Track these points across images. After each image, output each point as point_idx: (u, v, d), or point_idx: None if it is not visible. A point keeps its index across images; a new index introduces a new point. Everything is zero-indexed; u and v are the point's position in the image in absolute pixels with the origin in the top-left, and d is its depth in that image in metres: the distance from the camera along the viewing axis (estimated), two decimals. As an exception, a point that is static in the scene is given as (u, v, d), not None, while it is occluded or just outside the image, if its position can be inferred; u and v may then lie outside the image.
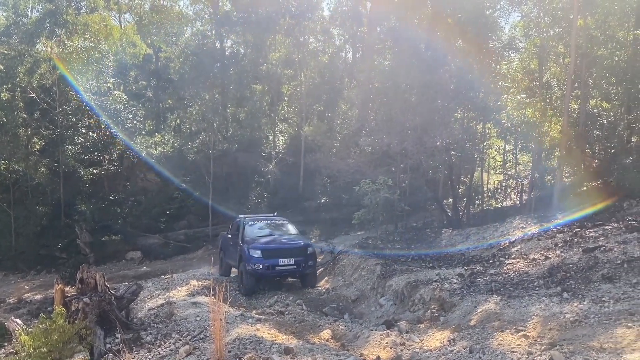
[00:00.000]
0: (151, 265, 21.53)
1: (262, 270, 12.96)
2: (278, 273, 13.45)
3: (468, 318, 8.60)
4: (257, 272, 12.97)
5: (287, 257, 13.21)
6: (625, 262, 9.21)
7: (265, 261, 12.96)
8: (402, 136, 18.18)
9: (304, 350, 6.93)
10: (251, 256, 13.06)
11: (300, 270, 13.41)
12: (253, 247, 13.26)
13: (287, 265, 13.18)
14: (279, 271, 13.32)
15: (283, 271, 13.41)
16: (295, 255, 13.29)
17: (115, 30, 29.79)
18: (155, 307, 10.41)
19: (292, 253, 13.35)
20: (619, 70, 16.91)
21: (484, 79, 18.16)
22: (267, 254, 13.11)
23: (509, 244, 13.00)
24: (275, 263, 13.06)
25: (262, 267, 12.90)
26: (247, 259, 13.12)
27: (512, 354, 6.63)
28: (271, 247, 13.46)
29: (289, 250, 13.43)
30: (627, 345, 6.15)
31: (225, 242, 15.85)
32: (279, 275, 13.74)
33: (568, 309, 7.57)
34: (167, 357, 7.30)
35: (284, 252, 13.37)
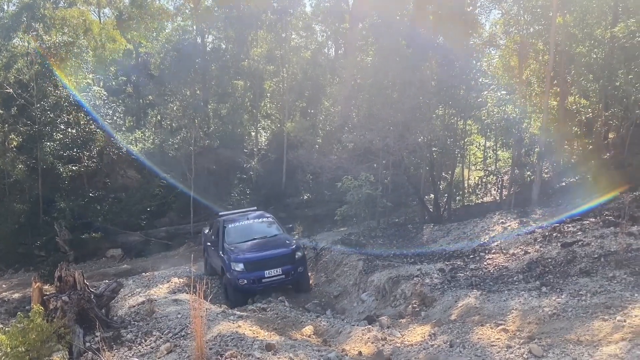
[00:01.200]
0: (132, 262, 21.31)
1: (247, 285, 11.96)
2: (265, 286, 12.23)
3: (449, 313, 8.68)
4: (241, 287, 12.02)
5: (274, 267, 12.04)
6: (602, 256, 9.37)
7: (250, 274, 11.91)
8: (384, 132, 18.24)
9: (285, 346, 6.93)
10: (234, 270, 12.02)
11: (290, 279, 12.44)
12: (235, 260, 12.15)
13: (275, 277, 12.07)
14: (265, 284, 12.16)
15: (270, 283, 12.22)
16: (283, 264, 12.16)
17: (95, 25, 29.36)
18: (136, 305, 10.32)
19: (279, 262, 12.16)
20: (596, 67, 17.18)
21: (464, 76, 18.30)
22: (251, 266, 12.01)
23: (489, 239, 13.14)
24: (260, 276, 11.97)
25: (247, 281, 11.89)
26: (229, 273, 12.15)
27: (491, 348, 6.71)
28: (255, 258, 12.23)
29: (275, 259, 12.19)
30: (604, 337, 6.27)
31: (207, 242, 14.86)
32: (267, 288, 12.44)
33: (546, 303, 7.68)
34: (148, 355, 7.24)
35: (270, 261, 12.13)
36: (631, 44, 15.29)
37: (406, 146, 18.12)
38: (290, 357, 6.32)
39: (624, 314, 6.64)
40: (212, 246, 13.87)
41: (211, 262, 14.47)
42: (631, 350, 5.74)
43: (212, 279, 13.94)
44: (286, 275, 12.22)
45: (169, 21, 31.34)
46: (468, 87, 18.54)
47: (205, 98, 27.00)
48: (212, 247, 13.87)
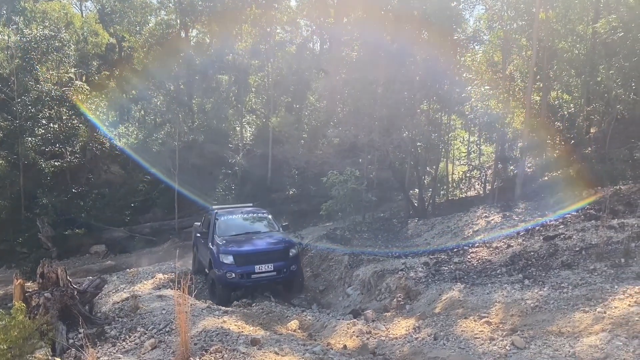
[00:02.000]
0: (116, 259, 21.18)
1: (235, 280, 11.17)
2: (254, 282, 11.48)
3: (433, 306, 8.75)
4: (229, 282, 11.21)
5: (265, 263, 11.33)
6: (584, 249, 9.51)
7: (239, 268, 11.14)
8: (370, 128, 18.29)
9: (270, 341, 6.94)
10: (222, 262, 11.26)
11: (282, 277, 11.61)
12: (224, 252, 11.40)
13: (265, 273, 11.33)
14: (255, 280, 11.40)
15: (260, 279, 11.45)
16: (275, 260, 11.45)
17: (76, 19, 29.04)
18: (120, 301, 10.25)
19: (270, 257, 11.49)
20: (578, 63, 17.36)
21: (448, 71, 18.40)
22: (241, 260, 11.26)
23: (472, 233, 13.26)
24: (250, 270, 11.22)
25: (235, 275, 11.12)
26: (217, 266, 11.39)
27: (475, 340, 6.78)
28: (245, 251, 11.56)
29: (266, 254, 11.54)
30: (584, 329, 6.36)
31: (197, 237, 14.17)
32: (256, 284, 11.70)
33: (529, 296, 7.77)
34: (132, 351, 7.20)
35: (261, 256, 11.47)
36: (612, 39, 15.47)
37: (391, 141, 18.19)
38: (276, 352, 6.33)
39: (604, 306, 6.74)
40: (202, 239, 13.23)
41: (200, 257, 13.77)
42: (611, 341, 5.84)
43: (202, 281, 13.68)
44: (278, 272, 11.45)
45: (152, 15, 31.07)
46: (452, 83, 18.67)
47: (189, 92, 26.83)
48: (202, 239, 13.22)
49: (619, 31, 15.08)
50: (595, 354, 5.67)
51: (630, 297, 6.73)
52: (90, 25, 29.25)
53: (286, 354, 6.31)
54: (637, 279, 7.53)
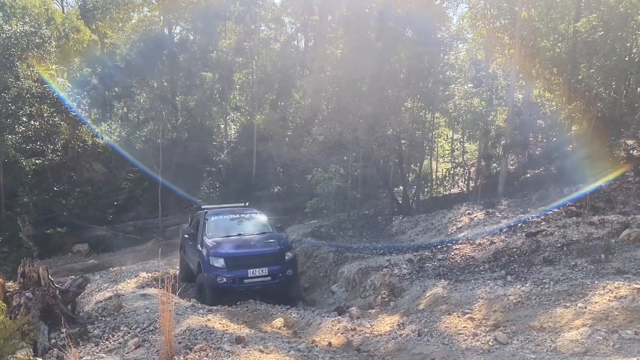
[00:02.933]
0: (99, 257, 20.95)
1: (226, 285, 10.51)
2: (247, 287, 10.75)
3: (417, 302, 8.80)
4: (220, 287, 10.57)
5: (259, 267, 10.61)
6: (565, 245, 9.65)
7: (230, 273, 10.49)
8: (354, 125, 18.32)
9: (255, 339, 6.93)
10: (212, 266, 10.63)
11: (277, 282, 10.83)
12: (214, 254, 10.74)
13: (259, 277, 10.63)
14: (248, 285, 10.69)
15: (253, 285, 10.73)
16: (270, 264, 10.74)
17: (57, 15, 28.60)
18: (103, 300, 10.14)
19: (264, 261, 10.77)
20: (560, 61, 17.59)
21: (432, 69, 18.51)
22: (233, 263, 10.61)
23: (456, 230, 13.37)
24: (243, 275, 10.55)
25: (226, 280, 10.46)
26: (207, 269, 10.73)
27: (458, 336, 6.84)
28: (237, 254, 10.89)
29: (260, 258, 10.83)
30: (565, 324, 6.45)
31: (185, 239, 13.39)
32: (249, 289, 10.93)
33: (511, 291, 7.85)
34: (116, 351, 7.14)
35: (254, 259, 10.76)
36: (592, 38, 15.68)
37: (376, 139, 18.25)
38: (260, 350, 6.32)
39: (585, 301, 6.84)
40: (190, 240, 12.55)
41: (188, 261, 13.00)
42: (591, 335, 5.92)
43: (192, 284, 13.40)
44: (273, 277, 10.73)
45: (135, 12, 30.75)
46: (436, 80, 18.78)
47: (173, 90, 26.64)
48: (190, 241, 12.54)
49: (600, 30, 15.29)
50: (576, 348, 5.75)
51: (610, 292, 6.84)
52: (72, 21, 28.81)
53: (271, 351, 6.31)
54: (617, 274, 7.65)
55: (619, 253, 8.64)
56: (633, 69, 16.60)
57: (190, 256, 12.68)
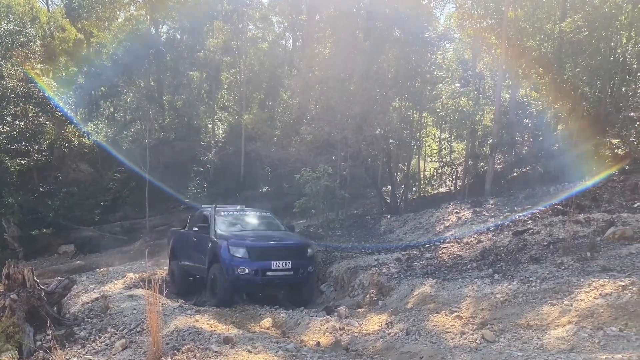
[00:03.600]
0: (85, 258, 20.76)
1: (248, 276, 9.82)
2: (268, 280, 10.15)
3: (405, 301, 8.83)
4: (241, 279, 9.86)
5: (282, 259, 10.03)
6: (551, 243, 9.73)
7: (253, 264, 9.84)
8: (342, 125, 18.33)
9: (243, 339, 6.91)
10: (232, 256, 9.87)
11: (299, 277, 10.32)
12: (234, 244, 10.06)
13: (282, 270, 10.02)
14: (270, 278, 10.06)
15: (276, 278, 10.11)
16: (293, 257, 10.20)
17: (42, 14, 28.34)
18: (90, 302, 10.06)
19: (288, 253, 10.24)
20: (546, 61, 17.73)
21: (420, 69, 18.58)
22: (256, 254, 9.99)
23: (444, 229, 13.43)
24: (266, 266, 9.91)
25: (249, 271, 9.79)
26: (225, 260, 9.95)
27: (446, 335, 6.87)
28: (261, 245, 10.35)
29: (284, 250, 10.30)
30: (552, 321, 6.51)
31: (181, 240, 12.51)
32: (269, 284, 10.38)
33: (498, 290, 7.91)
34: (102, 352, 7.09)
35: (278, 251, 10.20)
36: (578, 38, 15.83)
37: (364, 138, 18.27)
38: (249, 350, 6.31)
39: (571, 299, 6.90)
40: (194, 237, 11.62)
41: (185, 261, 12.04)
42: (577, 332, 5.98)
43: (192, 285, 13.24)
44: (295, 271, 10.17)
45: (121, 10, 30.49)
46: (423, 80, 18.84)
47: (160, 89, 26.48)
48: (194, 238, 11.61)
49: (584, 30, 15.44)
50: (562, 345, 5.80)
51: (596, 290, 6.90)
52: (57, 20, 28.54)
53: (259, 352, 6.30)
54: (602, 272, 7.73)
55: (605, 251, 8.73)
56: (617, 69, 16.78)
57: (190, 256, 11.79)
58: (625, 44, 16.68)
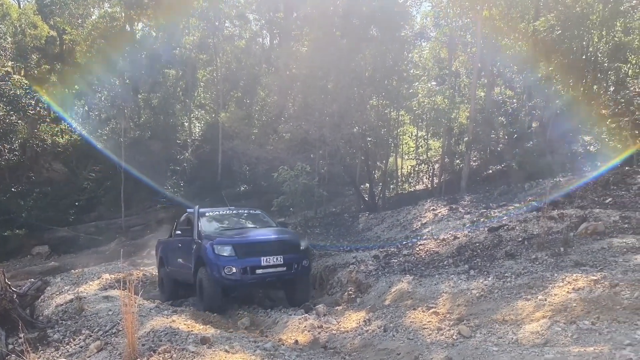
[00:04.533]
0: (60, 259, 20.41)
1: (237, 276, 9.04)
2: (260, 279, 9.36)
3: (383, 298, 8.87)
4: (229, 280, 9.09)
5: (273, 254, 9.25)
6: (526, 239, 9.88)
7: (241, 261, 9.06)
8: (320, 123, 18.34)
9: (221, 339, 6.86)
10: (217, 255, 9.10)
11: (293, 273, 9.49)
12: (219, 242, 9.29)
13: (274, 267, 9.22)
14: (261, 276, 9.25)
15: (267, 275, 9.28)
16: (285, 251, 9.43)
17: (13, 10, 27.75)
18: (64, 303, 9.88)
19: (279, 248, 9.45)
20: (520, 59, 17.99)
21: (397, 67, 18.68)
22: (243, 250, 9.20)
23: (421, 226, 13.54)
24: (255, 264, 9.11)
25: (236, 270, 8.99)
26: (210, 261, 9.17)
27: (423, 331, 6.92)
28: (248, 240, 9.63)
29: (275, 244, 9.54)
30: (527, 316, 6.60)
31: (167, 248, 11.73)
32: (261, 282, 9.62)
33: (474, 285, 7.99)
34: (77, 355, 6.97)
35: (268, 246, 9.44)
36: (551, 37, 16.10)
37: (342, 136, 18.31)
38: (226, 350, 6.27)
39: (545, 293, 7.01)
40: (179, 242, 10.90)
41: (174, 269, 11.29)
42: (551, 327, 6.08)
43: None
44: (288, 267, 9.36)
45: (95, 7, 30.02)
46: (400, 78, 18.95)
47: (135, 87, 26.12)
48: (179, 243, 10.90)
49: (557, 29, 15.71)
50: (537, 339, 5.89)
51: (569, 285, 7.02)
52: (29, 17, 28.00)
53: (237, 351, 6.26)
54: (575, 266, 7.86)
55: (577, 246, 8.89)
56: (589, 67, 17.12)
57: (175, 262, 11.14)
58: (597, 42, 17.02)
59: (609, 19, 15.86)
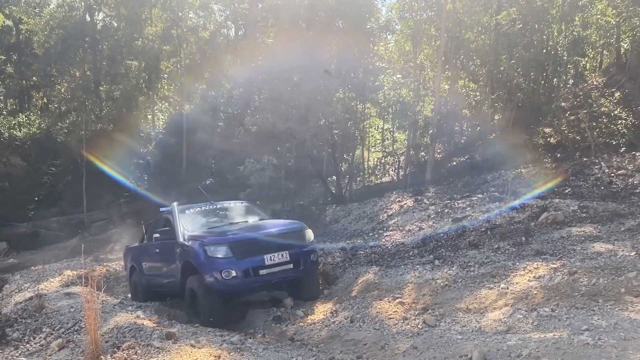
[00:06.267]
0: (19, 256, 19.80)
1: (237, 281, 7.60)
2: (265, 282, 7.96)
3: (350, 289, 8.93)
4: (228, 286, 7.67)
5: (277, 251, 7.84)
6: (489, 229, 10.10)
7: (240, 263, 7.63)
8: (287, 115, 18.25)
9: (187, 334, 6.79)
10: (211, 258, 7.66)
11: (301, 270, 8.18)
12: (211, 242, 7.85)
13: (279, 265, 7.84)
14: (265, 277, 7.83)
15: (273, 276, 7.88)
16: (290, 246, 8.02)
17: (-35, -2, 26.63)
18: (24, 301, 9.61)
19: (283, 242, 8.04)
20: (483, 53, 18.29)
21: (362, 60, 18.75)
22: (241, 249, 7.76)
23: (387, 217, 13.66)
24: (258, 264, 7.71)
25: (237, 273, 7.56)
26: (203, 266, 7.72)
27: (389, 321, 7.00)
28: (245, 237, 8.08)
29: (276, 238, 8.10)
30: (490, 305, 6.75)
31: (140, 256, 10.26)
32: (266, 285, 8.23)
33: (439, 275, 8.12)
34: (37, 353, 6.79)
35: (270, 241, 7.98)
36: (512, 31, 16.42)
37: (309, 129, 18.27)
38: (192, 344, 6.20)
39: (507, 282, 7.18)
40: (156, 248, 9.43)
41: (150, 279, 9.84)
42: (513, 314, 6.23)
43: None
44: (295, 264, 8.00)
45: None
46: (366, 71, 19.02)
47: (96, 79, 25.48)
48: (156, 249, 9.44)
49: (519, 23, 16.02)
50: (499, 327, 6.02)
51: (530, 273, 7.21)
52: (-19, 5, 26.97)
53: (203, 346, 6.20)
54: (536, 255, 8.08)
55: (538, 235, 9.14)
56: (549, 61, 17.53)
57: (156, 273, 9.65)
58: (557, 36, 17.44)
59: (569, 14, 16.26)
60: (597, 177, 12.73)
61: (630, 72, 17.71)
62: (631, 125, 14.96)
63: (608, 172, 12.83)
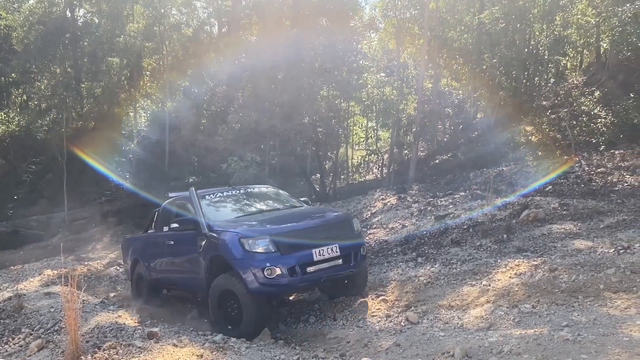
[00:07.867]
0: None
1: (283, 279, 6.45)
2: (313, 281, 6.90)
3: (333, 287, 8.92)
4: (271, 287, 6.55)
5: (325, 244, 6.71)
6: (471, 226, 10.17)
7: (286, 259, 6.47)
8: (271, 113, 18.23)
9: (169, 333, 6.73)
10: (249, 253, 6.46)
11: (351, 267, 7.05)
12: (249, 234, 6.64)
13: (329, 261, 6.72)
14: (315, 276, 6.69)
15: (322, 274, 6.73)
16: (339, 237, 6.91)
17: (-59, -7, 26.08)
18: (2, 301, 9.43)
19: (331, 233, 6.93)
20: (466, 51, 18.42)
21: (346, 58, 18.77)
22: (287, 243, 6.56)
23: (370, 215, 13.70)
24: (306, 259, 6.57)
25: (282, 271, 6.40)
26: (240, 262, 6.55)
27: (372, 318, 7.01)
28: (288, 228, 6.83)
29: (323, 229, 6.99)
30: (472, 301, 6.79)
31: (147, 249, 9.07)
32: (315, 284, 7.26)
33: (422, 272, 8.16)
34: (16, 354, 6.68)
35: (316, 233, 6.83)
36: (495, 30, 16.55)
37: (292, 127, 18.27)
38: (174, 344, 6.15)
39: (489, 279, 7.23)
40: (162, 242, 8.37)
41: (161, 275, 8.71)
42: (494, 311, 6.27)
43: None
44: (345, 259, 6.92)
45: (32, -9, 28.62)
46: (350, 69, 19.05)
47: (77, 76, 25.16)
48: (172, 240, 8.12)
49: (501, 22, 16.16)
50: (481, 324, 6.06)
51: (511, 270, 7.28)
52: (-42, 0, 26.46)
53: (185, 345, 6.15)
54: (518, 252, 8.16)
55: (520, 233, 9.23)
56: (531, 60, 17.70)
57: (169, 269, 8.51)
58: (538, 36, 17.61)
59: (550, 13, 16.44)
60: (577, 175, 12.91)
61: (610, 72, 17.97)
62: (610, 124, 15.19)
63: (588, 170, 13.01)
